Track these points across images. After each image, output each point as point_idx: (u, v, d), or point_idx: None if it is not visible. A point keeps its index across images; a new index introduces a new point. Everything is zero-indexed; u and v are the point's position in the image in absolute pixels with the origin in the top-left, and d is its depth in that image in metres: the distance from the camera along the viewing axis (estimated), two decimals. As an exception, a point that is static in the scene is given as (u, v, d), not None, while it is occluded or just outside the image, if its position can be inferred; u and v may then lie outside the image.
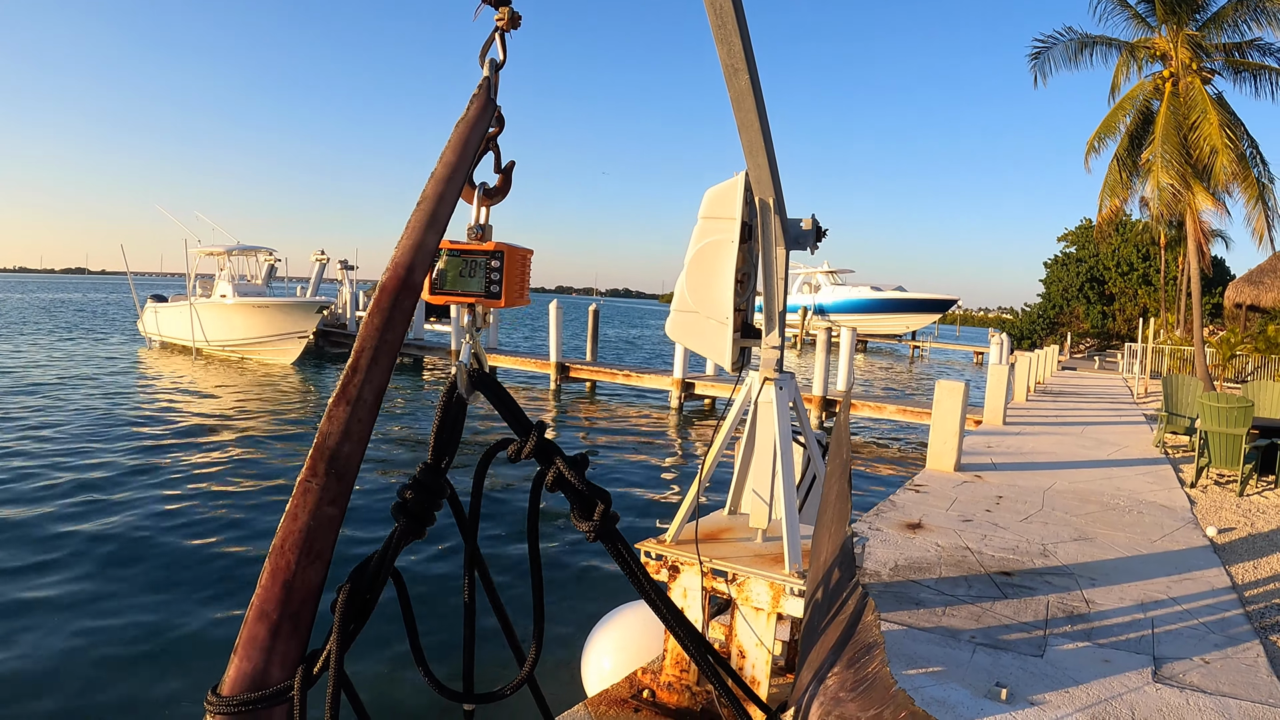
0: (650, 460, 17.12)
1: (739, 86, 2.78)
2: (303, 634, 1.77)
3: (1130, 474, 12.72)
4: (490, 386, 2.18)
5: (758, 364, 4.00)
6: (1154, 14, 24.41)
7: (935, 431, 12.19)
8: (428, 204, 1.98)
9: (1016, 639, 5.82)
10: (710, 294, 3.80)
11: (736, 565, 3.78)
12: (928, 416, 19.51)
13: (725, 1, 2.50)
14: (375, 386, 1.86)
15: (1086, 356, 58.75)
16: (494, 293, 2.19)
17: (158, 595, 8.85)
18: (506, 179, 2.29)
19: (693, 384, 24.62)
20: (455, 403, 2.15)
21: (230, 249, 37.13)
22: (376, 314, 1.89)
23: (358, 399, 1.84)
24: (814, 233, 3.88)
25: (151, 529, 10.88)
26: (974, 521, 9.05)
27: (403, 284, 1.90)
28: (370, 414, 1.85)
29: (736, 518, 4.44)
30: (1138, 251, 66.75)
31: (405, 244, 1.95)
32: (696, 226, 3.87)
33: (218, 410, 21.01)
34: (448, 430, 2.13)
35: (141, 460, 14.68)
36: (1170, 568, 7.87)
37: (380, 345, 1.87)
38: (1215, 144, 21.72)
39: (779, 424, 3.80)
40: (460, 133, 2.09)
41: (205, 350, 35.48)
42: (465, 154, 2.07)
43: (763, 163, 3.26)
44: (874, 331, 68.07)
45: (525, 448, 2.16)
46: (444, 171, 2.03)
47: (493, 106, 2.16)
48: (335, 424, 1.82)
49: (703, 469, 3.96)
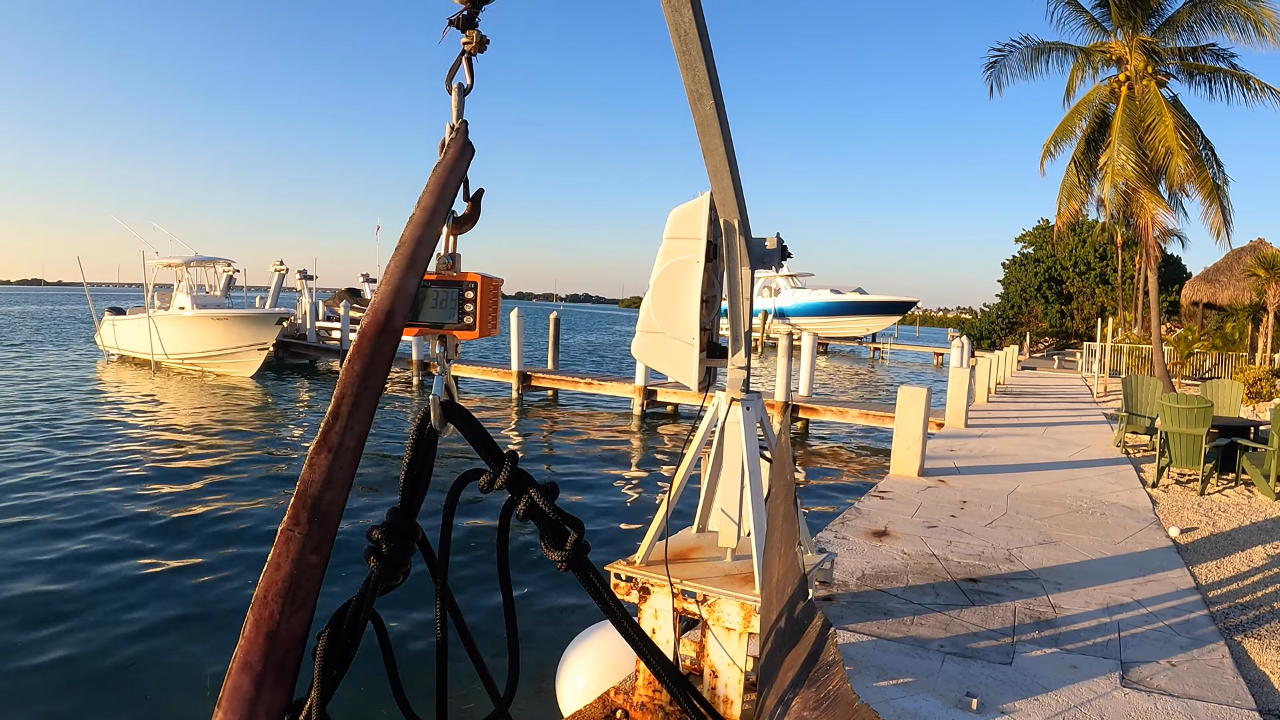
0: (614, 470, 17.02)
1: (704, 112, 2.77)
2: (288, 683, 1.74)
3: (1092, 475, 12.84)
4: (462, 418, 2.16)
5: (723, 382, 3.99)
6: (1109, 19, 24.74)
7: (899, 437, 12.25)
8: (406, 248, 1.99)
9: (985, 647, 5.84)
10: (676, 314, 3.78)
11: (707, 586, 3.77)
12: (891, 420, 19.63)
13: (690, 28, 2.48)
14: (357, 432, 1.85)
15: (1045, 355, 59.34)
16: (468, 324, 2.20)
17: (118, 627, 8.67)
18: (475, 207, 2.28)
19: (655, 391, 24.52)
20: (426, 437, 2.11)
21: (188, 260, 36.61)
22: (357, 359, 1.88)
23: (340, 446, 1.81)
24: (779, 252, 3.88)
25: (104, 552, 10.68)
26: (939, 527, 9.09)
27: (383, 328, 1.90)
28: (352, 460, 1.83)
29: (705, 535, 4.43)
30: (1095, 251, 67.52)
31: (385, 289, 1.96)
32: (661, 247, 3.85)
33: (177, 424, 20.71)
34: (418, 468, 2.09)
35: (88, 484, 14.43)
36: (1135, 570, 7.94)
37: (362, 391, 1.87)
38: (1171, 145, 22.04)
39: (746, 444, 3.79)
40: (439, 178, 2.10)
41: (165, 363, 35.00)
42: (444, 199, 2.09)
43: (727, 185, 3.25)
44: (835, 334, 68.15)
45: (498, 478, 2.14)
46: (422, 217, 2.05)
47: (470, 150, 2.16)
48: (317, 472, 1.79)
49: (671, 490, 3.95)
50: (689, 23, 2.46)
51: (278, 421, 22.79)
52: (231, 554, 10.61)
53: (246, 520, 12.15)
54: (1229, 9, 22.79)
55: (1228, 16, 22.90)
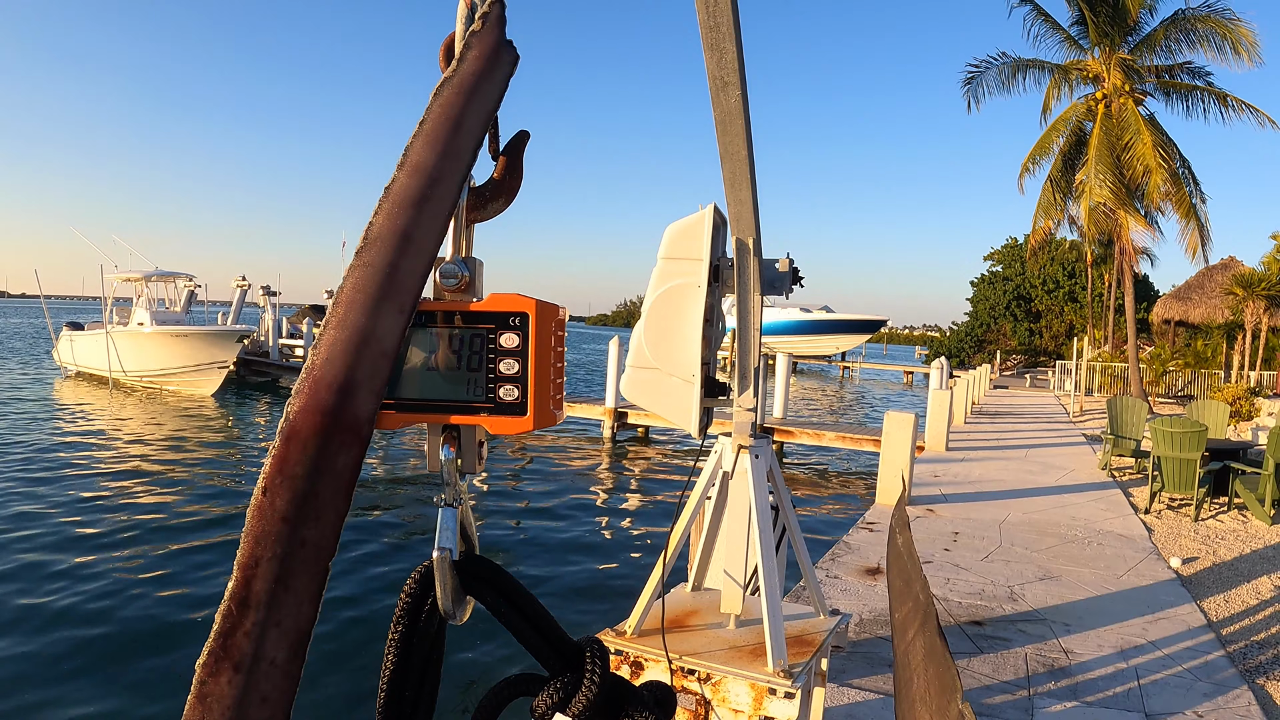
0: (583, 497, 16.26)
1: (727, 104, 2.25)
2: None
3: (1082, 500, 12.45)
4: (494, 583, 1.10)
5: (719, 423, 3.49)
6: (1087, 36, 24.66)
7: (885, 464, 11.80)
8: (378, 253, 1.00)
9: (1001, 702, 5.37)
10: (674, 347, 3.25)
11: (711, 663, 3.24)
12: (871, 444, 19.24)
13: (724, 0, 1.97)
14: (289, 632, 0.94)
15: (1016, 374, 59.37)
16: (509, 401, 1.06)
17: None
18: (514, 167, 1.17)
19: (625, 413, 23.83)
20: (426, 626, 1.10)
21: (148, 275, 35.82)
22: (281, 488, 0.94)
23: (255, 659, 0.92)
24: (790, 275, 3.38)
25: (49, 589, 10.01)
26: (934, 563, 8.62)
27: (331, 422, 0.96)
28: (287, 686, 0.94)
29: (702, 595, 3.90)
30: (1064, 269, 67.89)
31: (331, 337, 0.98)
32: (656, 269, 3.32)
33: (133, 449, 19.95)
34: (413, 683, 1.09)
35: (33, 502, 13.71)
36: (1142, 606, 7.54)
37: (291, 552, 0.94)
38: (1149, 163, 21.91)
39: (756, 499, 3.28)
40: (446, 107, 1.05)
41: (123, 381, 34.13)
42: (456, 150, 1.04)
43: (746, 197, 2.73)
44: (804, 353, 68.03)
45: (577, 696, 1.07)
46: (413, 185, 1.02)
47: (510, 57, 1.09)
48: (216, 712, 0.91)
49: (666, 551, 3.41)
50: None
51: (237, 441, 22.09)
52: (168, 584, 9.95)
53: (186, 541, 11.47)
54: (1206, 28, 22.77)
55: (1205, 35, 22.88)
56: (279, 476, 0.94)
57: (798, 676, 3.14)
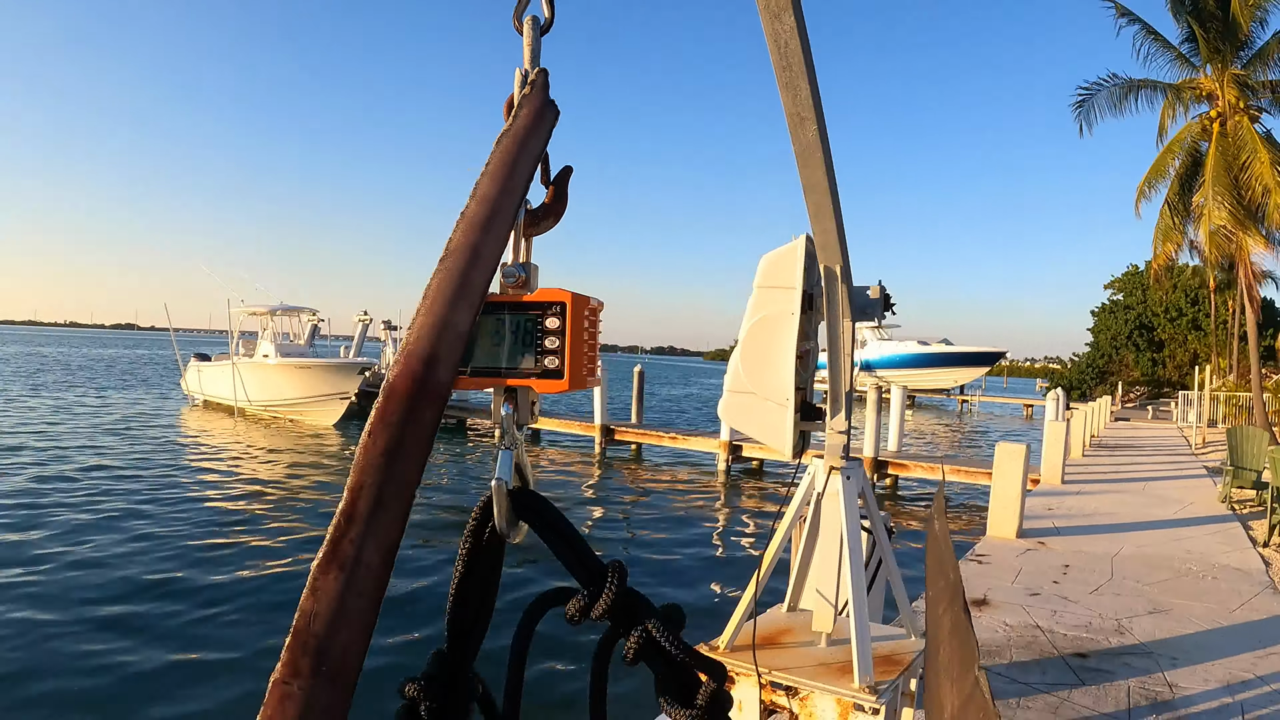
0: (696, 530, 16.48)
1: (805, 139, 2.41)
2: None
3: (1198, 534, 12.11)
4: (540, 514, 1.39)
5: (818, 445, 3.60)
6: (1198, 54, 24.04)
7: (996, 496, 11.65)
8: (455, 260, 1.33)
9: (1100, 733, 5.32)
10: (768, 372, 3.41)
11: (799, 678, 3.37)
12: (983, 476, 18.91)
13: (792, 38, 2.13)
14: (383, 544, 1.20)
15: (1138, 405, 57.49)
16: (552, 368, 1.40)
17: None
18: (560, 193, 1.54)
19: (740, 446, 23.96)
20: (487, 546, 1.39)
21: (273, 309, 37.32)
22: (380, 432, 1.23)
23: (355, 562, 1.18)
24: (881, 301, 3.50)
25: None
26: (1042, 595, 8.53)
27: (419, 384, 1.26)
28: (377, 584, 1.19)
29: (796, 616, 4.02)
30: (1186, 296, 65.66)
31: (421, 322, 1.30)
32: (752, 297, 3.49)
33: (260, 474, 20.74)
34: (475, 594, 1.39)
35: (149, 521, 14.36)
36: (1254, 641, 7.38)
37: (387, 481, 1.22)
38: (1267, 183, 21.21)
39: (847, 520, 3.40)
40: (505, 152, 1.40)
41: (248, 410, 35.48)
42: (513, 183, 1.40)
43: (830, 227, 2.89)
44: (921, 386, 67.09)
45: (597, 604, 1.34)
46: (480, 211, 1.36)
47: (552, 112, 1.47)
48: (324, 600, 1.16)
49: (761, 569, 3.55)
50: (790, 31, 2.12)
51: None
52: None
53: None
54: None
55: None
56: (380, 424, 1.25)
57: (883, 693, 3.24)
